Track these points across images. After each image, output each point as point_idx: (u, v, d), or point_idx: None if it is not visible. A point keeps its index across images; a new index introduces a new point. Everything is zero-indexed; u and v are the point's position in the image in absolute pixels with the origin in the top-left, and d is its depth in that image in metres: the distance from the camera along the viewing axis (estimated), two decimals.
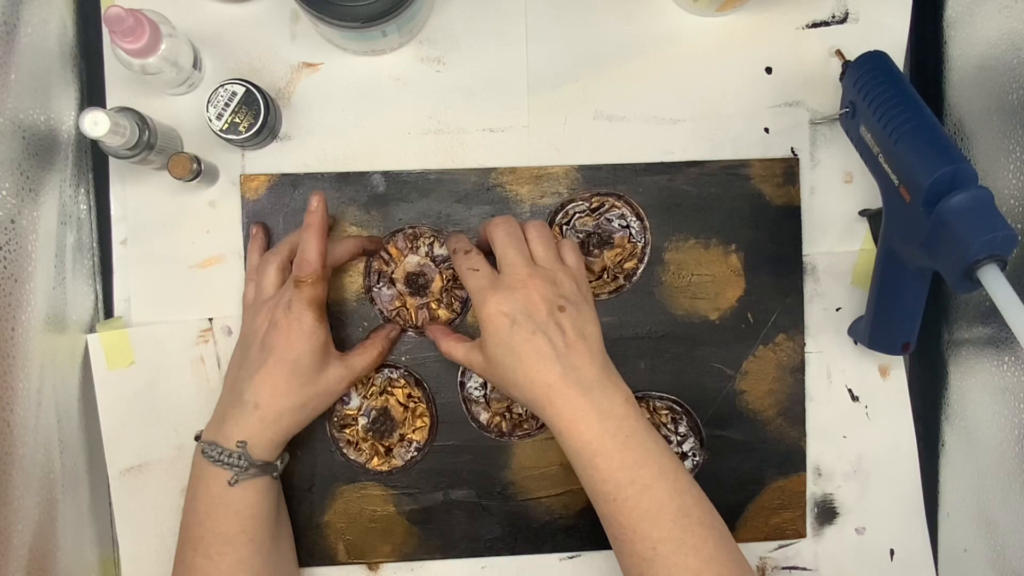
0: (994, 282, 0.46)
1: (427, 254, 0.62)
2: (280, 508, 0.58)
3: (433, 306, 0.62)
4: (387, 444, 0.62)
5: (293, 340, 0.54)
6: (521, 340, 0.51)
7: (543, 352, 0.51)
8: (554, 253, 0.56)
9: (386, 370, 0.62)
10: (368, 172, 0.62)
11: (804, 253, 0.64)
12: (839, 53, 0.61)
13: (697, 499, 0.52)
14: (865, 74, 0.56)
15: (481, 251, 0.56)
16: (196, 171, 0.56)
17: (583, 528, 0.63)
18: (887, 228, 0.57)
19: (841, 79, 0.59)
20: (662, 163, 0.63)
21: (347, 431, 0.62)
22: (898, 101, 0.53)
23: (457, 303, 0.62)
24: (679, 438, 0.63)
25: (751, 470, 0.64)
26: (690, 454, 0.63)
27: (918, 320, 0.60)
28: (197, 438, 0.56)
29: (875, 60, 0.56)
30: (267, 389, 0.54)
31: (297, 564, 0.61)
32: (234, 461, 0.53)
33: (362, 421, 0.62)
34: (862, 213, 0.64)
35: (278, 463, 0.56)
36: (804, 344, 0.64)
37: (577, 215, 0.63)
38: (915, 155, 0.52)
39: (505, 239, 0.55)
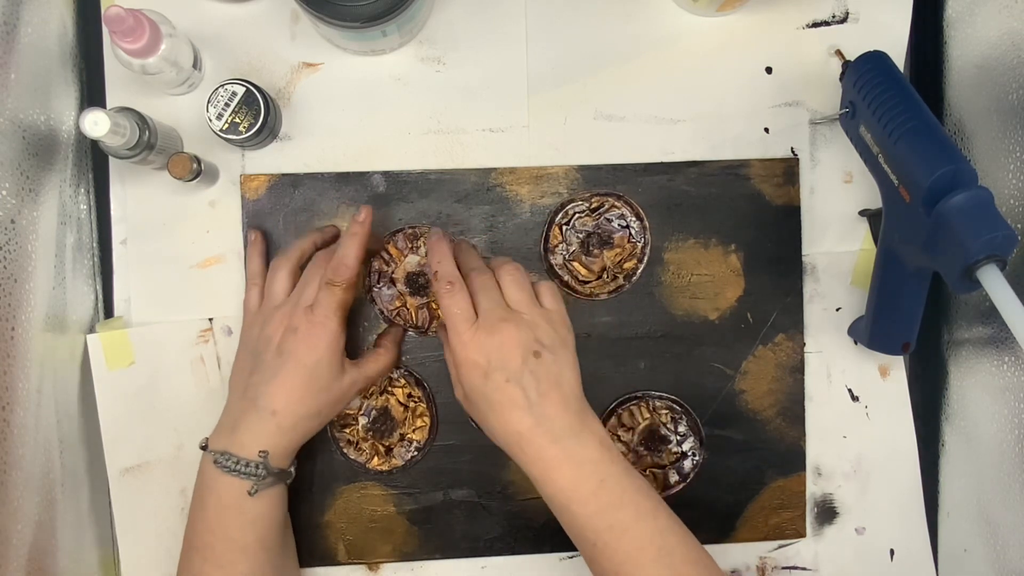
0: (994, 282, 0.46)
1: (427, 254, 0.62)
2: (287, 513, 0.58)
3: (433, 306, 0.62)
4: (387, 444, 0.62)
5: (314, 345, 0.53)
6: (493, 389, 0.51)
7: (516, 402, 0.51)
8: (528, 296, 0.54)
9: None
10: (368, 172, 0.62)
11: (804, 253, 0.64)
12: (839, 53, 0.61)
13: (681, 537, 0.51)
14: (865, 74, 0.56)
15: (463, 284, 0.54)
16: (196, 171, 0.56)
17: None
18: (887, 228, 0.57)
19: (841, 79, 0.59)
20: (662, 163, 0.63)
21: (347, 431, 0.62)
22: (898, 101, 0.53)
23: None
24: (679, 438, 0.63)
25: (751, 470, 0.64)
26: (690, 454, 0.63)
27: (918, 320, 0.60)
28: (203, 447, 0.54)
29: (875, 60, 0.56)
30: (283, 395, 0.53)
31: (299, 567, 0.61)
32: (251, 471, 0.52)
33: (362, 421, 0.62)
34: (862, 213, 0.64)
35: (291, 470, 0.55)
36: (804, 344, 0.64)
37: (577, 215, 0.63)
38: (915, 155, 0.52)
39: (480, 285, 0.54)
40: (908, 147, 0.52)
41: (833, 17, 0.64)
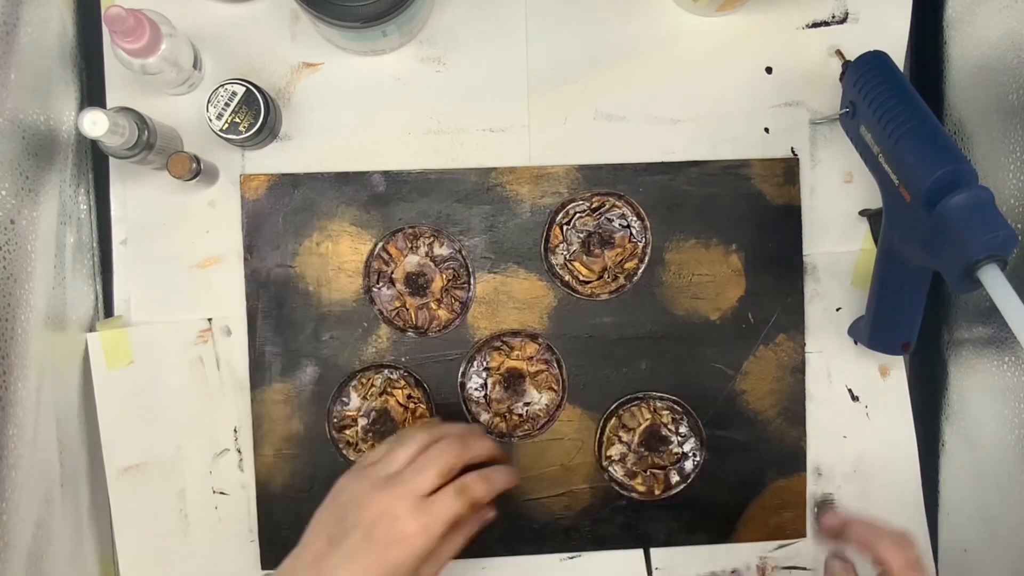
0: (994, 282, 0.46)
1: (427, 254, 0.62)
2: None
3: (433, 306, 0.62)
4: None
5: (404, 544, 0.47)
6: None
7: None
8: None
9: (386, 371, 0.62)
10: (368, 172, 0.62)
11: (804, 253, 0.64)
12: (839, 53, 0.61)
13: None
14: (865, 74, 0.56)
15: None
16: (195, 170, 0.56)
17: (583, 528, 0.63)
18: (887, 228, 0.57)
19: (841, 79, 0.59)
20: (662, 163, 0.63)
21: (347, 432, 0.62)
22: (898, 101, 0.53)
23: (457, 303, 0.62)
24: (680, 438, 0.63)
25: (751, 470, 0.64)
26: (691, 455, 0.63)
27: (918, 320, 0.60)
28: None
29: (875, 60, 0.56)
30: None
31: None
32: None
33: (362, 422, 0.62)
34: (862, 213, 0.64)
35: None
36: (804, 344, 0.64)
37: (578, 215, 0.63)
38: (915, 155, 0.52)
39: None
40: (908, 147, 0.52)
41: (833, 17, 0.64)
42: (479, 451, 0.52)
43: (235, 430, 0.62)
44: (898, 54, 0.63)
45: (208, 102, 0.57)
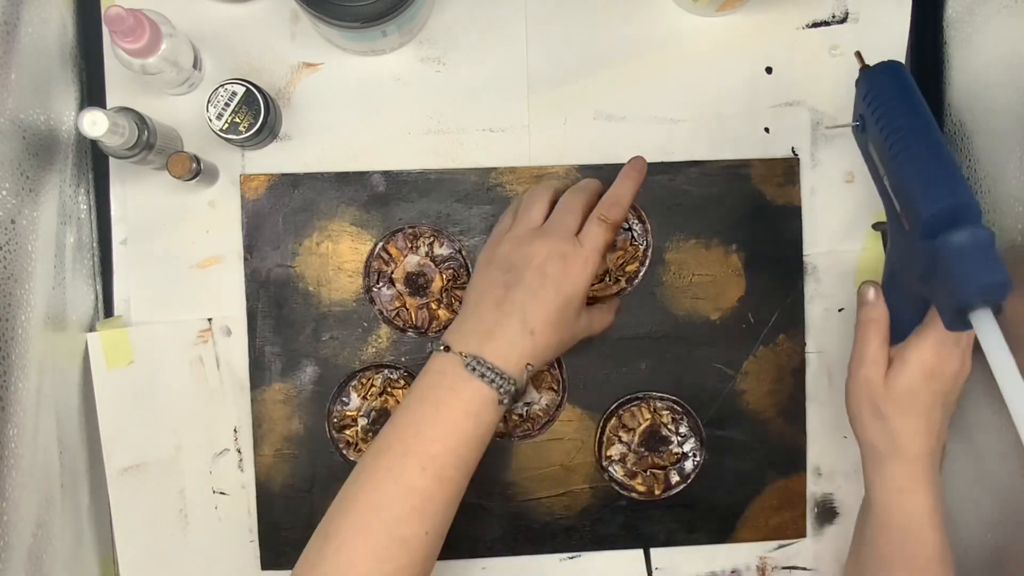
0: (985, 327, 0.44)
1: (427, 254, 0.62)
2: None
3: (433, 306, 0.62)
4: None
5: (576, 276, 0.52)
6: (935, 400, 0.53)
7: (943, 422, 0.53)
8: None
9: (386, 371, 0.62)
10: (368, 172, 0.62)
11: (804, 253, 0.64)
12: (858, 55, 0.55)
13: None
14: (875, 88, 0.51)
15: None
16: (195, 170, 0.56)
17: (583, 528, 0.63)
18: (891, 248, 0.54)
19: (857, 84, 0.57)
20: (662, 163, 0.63)
21: (347, 432, 0.62)
22: (905, 123, 0.49)
23: (457, 303, 0.62)
24: (680, 438, 0.63)
25: (751, 470, 0.64)
26: (691, 454, 0.63)
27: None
28: (445, 348, 0.51)
29: (888, 71, 0.51)
30: (543, 316, 0.51)
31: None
32: (503, 383, 0.50)
33: (362, 422, 0.62)
34: (875, 227, 0.62)
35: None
36: (804, 344, 0.64)
37: None
38: (917, 183, 0.47)
39: None
40: (910, 173, 0.48)
41: (833, 17, 0.64)
42: (621, 193, 0.56)
43: (235, 430, 0.62)
44: (898, 54, 0.63)
45: (208, 102, 0.57)
